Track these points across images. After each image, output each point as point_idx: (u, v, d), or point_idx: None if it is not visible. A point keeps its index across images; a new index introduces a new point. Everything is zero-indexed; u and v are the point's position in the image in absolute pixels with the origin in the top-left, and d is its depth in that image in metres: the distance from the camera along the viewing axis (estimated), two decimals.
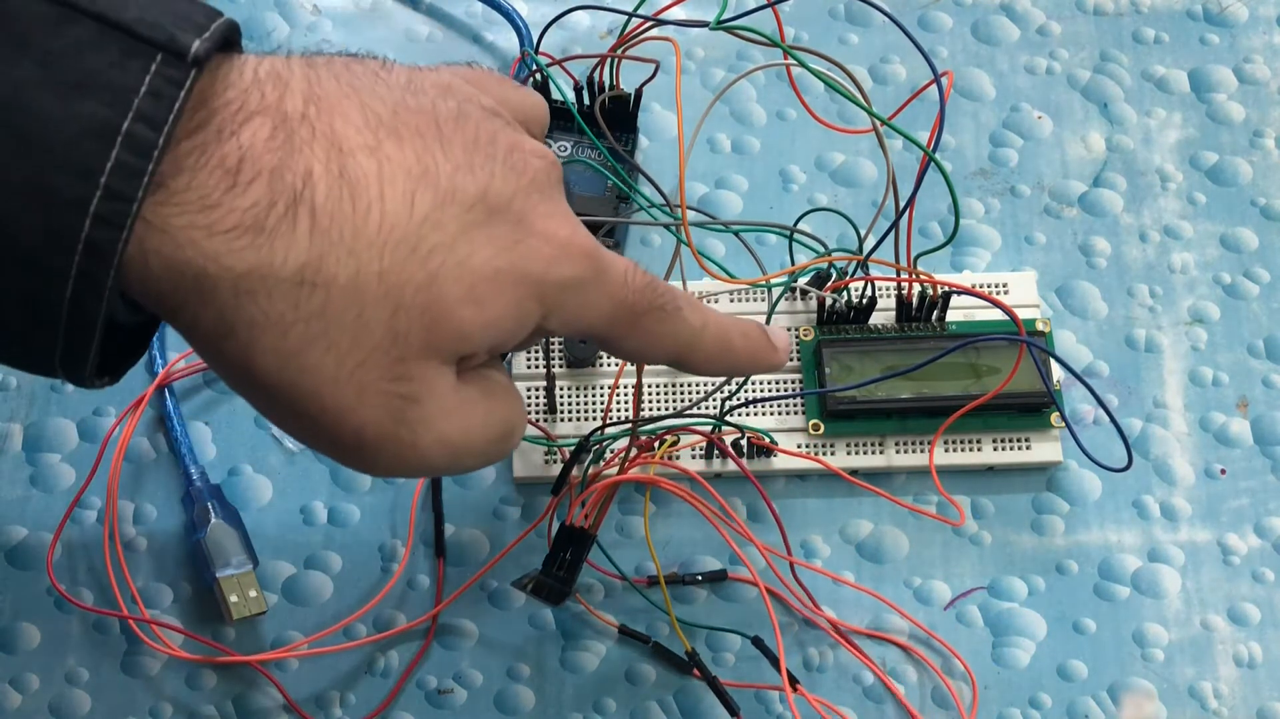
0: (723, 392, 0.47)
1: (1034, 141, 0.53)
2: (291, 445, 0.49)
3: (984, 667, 0.46)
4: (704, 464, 0.47)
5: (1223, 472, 0.49)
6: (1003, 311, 0.43)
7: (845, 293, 0.48)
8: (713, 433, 0.46)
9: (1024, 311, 0.49)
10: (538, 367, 0.48)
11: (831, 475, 0.47)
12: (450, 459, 0.32)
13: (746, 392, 0.47)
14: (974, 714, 0.45)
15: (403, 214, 0.29)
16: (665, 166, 0.53)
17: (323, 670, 0.46)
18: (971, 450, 0.48)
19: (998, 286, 0.50)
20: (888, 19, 0.43)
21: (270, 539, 0.47)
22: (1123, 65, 0.54)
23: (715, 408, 0.47)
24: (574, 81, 0.50)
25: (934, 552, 0.48)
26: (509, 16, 0.54)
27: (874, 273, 0.48)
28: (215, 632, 0.46)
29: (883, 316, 0.49)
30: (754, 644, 0.45)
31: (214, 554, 0.45)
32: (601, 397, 0.48)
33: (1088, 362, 0.50)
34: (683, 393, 0.48)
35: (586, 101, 0.50)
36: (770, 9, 0.44)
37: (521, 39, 0.53)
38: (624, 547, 0.47)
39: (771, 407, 0.48)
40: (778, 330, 0.39)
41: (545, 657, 0.46)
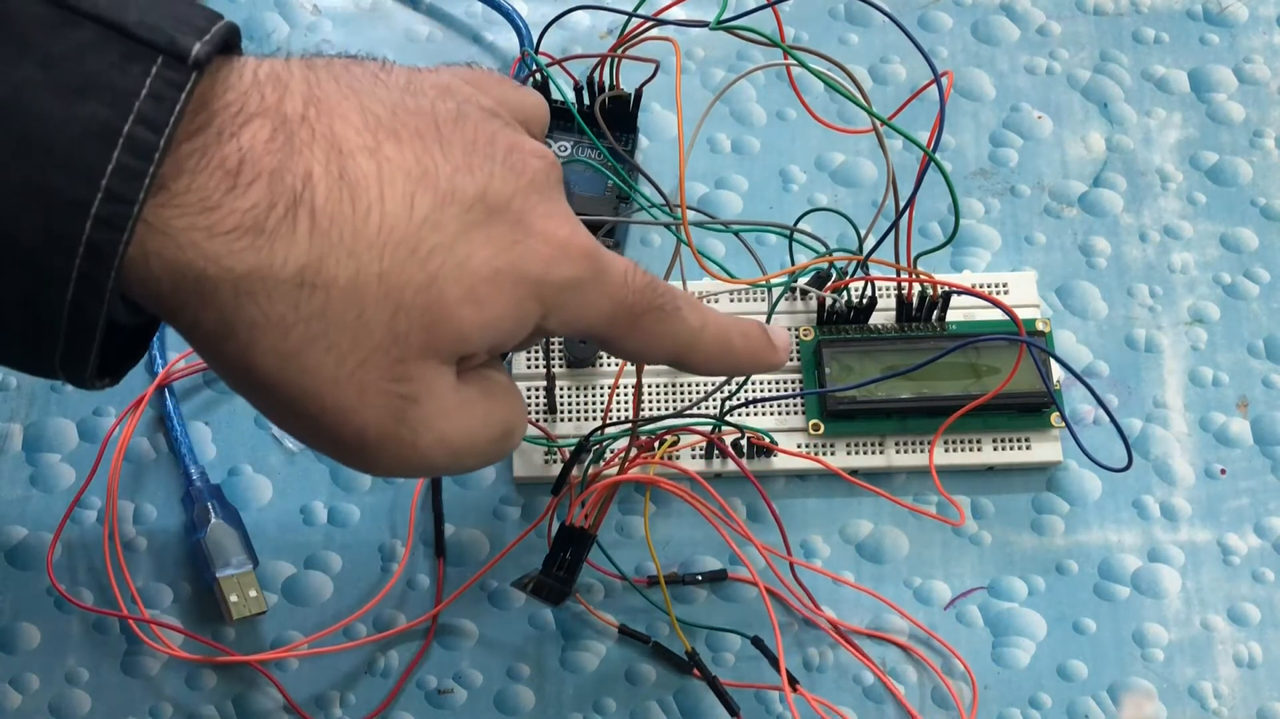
0: (723, 392, 0.47)
1: (1034, 141, 0.53)
2: (291, 445, 0.49)
3: (984, 667, 0.46)
4: (704, 464, 0.47)
5: (1223, 472, 0.49)
6: (1003, 311, 0.43)
7: (845, 293, 0.48)
8: (713, 433, 0.46)
9: (1024, 311, 0.49)
10: (538, 366, 0.48)
11: (831, 475, 0.47)
12: (451, 459, 0.32)
13: (746, 392, 0.47)
14: (974, 714, 0.45)
15: (402, 215, 0.29)
16: (665, 166, 0.53)
17: (323, 670, 0.46)
18: (971, 450, 0.48)
19: (998, 286, 0.50)
20: (888, 19, 0.43)
21: (270, 539, 0.47)
22: (1123, 65, 0.54)
23: (715, 408, 0.47)
24: (574, 81, 0.50)
25: (934, 552, 0.48)
26: (509, 16, 0.54)
27: (874, 273, 0.48)
28: (215, 632, 0.46)
29: (883, 316, 0.49)
30: (754, 644, 0.45)
31: (214, 554, 0.45)
32: (601, 397, 0.48)
33: (1088, 362, 0.50)
34: (683, 393, 0.48)
35: (586, 101, 0.50)
36: (770, 9, 0.44)
37: (521, 39, 0.53)
38: (624, 547, 0.47)
39: (771, 407, 0.48)
40: (778, 330, 0.39)
41: (545, 657, 0.46)
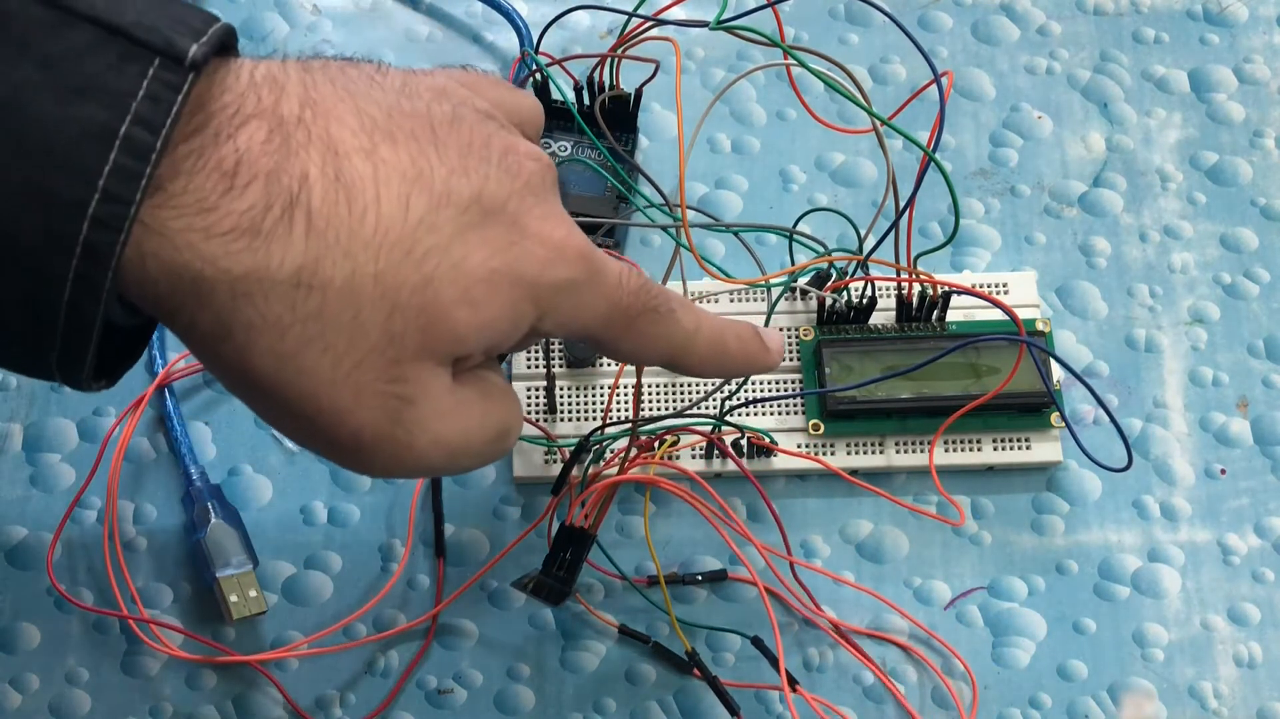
0: (722, 391, 0.47)
1: (1034, 141, 0.53)
2: (291, 445, 0.49)
3: (984, 667, 0.46)
4: (704, 464, 0.47)
5: (1223, 472, 0.49)
6: (1003, 311, 0.43)
7: (845, 293, 0.48)
8: (713, 433, 0.46)
9: (1024, 311, 0.49)
10: (538, 366, 0.48)
11: (831, 475, 0.47)
12: (447, 460, 0.32)
13: (746, 391, 0.47)
14: (974, 714, 0.45)
15: (398, 217, 0.29)
16: (665, 166, 0.53)
17: (323, 670, 0.46)
18: (971, 450, 0.48)
19: (998, 286, 0.50)
20: (888, 19, 0.43)
21: (270, 539, 0.47)
22: (1123, 65, 0.54)
23: (715, 408, 0.47)
24: (574, 81, 0.50)
25: (934, 552, 0.48)
26: (509, 16, 0.54)
27: (874, 273, 0.48)
28: (215, 632, 0.46)
29: (883, 316, 0.49)
30: (754, 644, 0.45)
31: (214, 554, 0.45)
32: (601, 397, 0.48)
33: (1088, 362, 0.50)
34: (682, 393, 0.48)
35: (586, 101, 0.50)
36: (770, 9, 0.44)
37: (521, 39, 0.53)
38: (624, 547, 0.47)
39: (771, 407, 0.48)
40: (771, 332, 0.39)
41: (545, 657, 0.46)
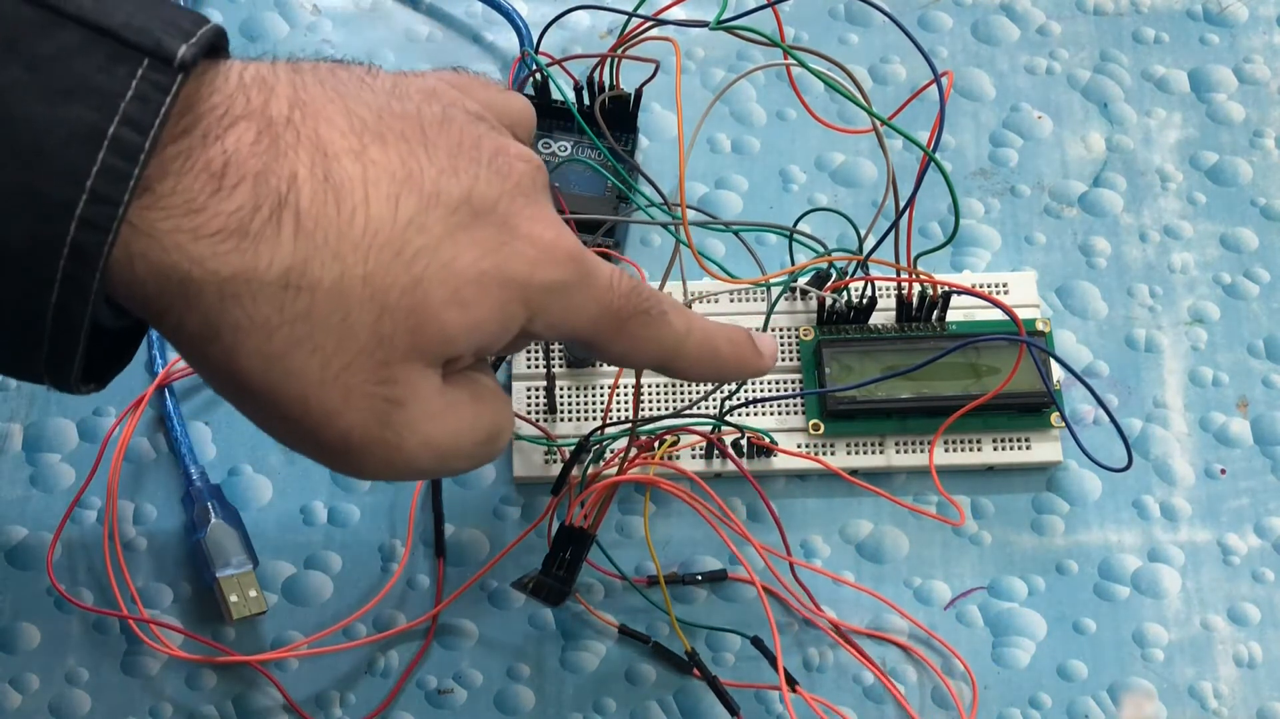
0: (722, 391, 0.47)
1: (1034, 141, 0.53)
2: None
3: (984, 667, 0.46)
4: (704, 464, 0.47)
5: (1223, 472, 0.49)
6: (1003, 311, 0.43)
7: (845, 293, 0.48)
8: (712, 433, 0.46)
9: (1024, 311, 0.49)
10: (538, 366, 0.48)
11: (831, 475, 0.47)
12: (437, 462, 0.31)
13: (746, 391, 0.47)
14: (974, 714, 0.45)
15: (387, 217, 0.29)
16: (665, 166, 0.53)
17: (323, 670, 0.46)
18: (971, 450, 0.48)
19: (998, 286, 0.50)
20: (888, 19, 0.43)
21: (270, 539, 0.47)
22: (1123, 65, 0.54)
23: (715, 408, 0.47)
24: (574, 81, 0.50)
25: (934, 552, 0.48)
26: (509, 16, 0.54)
27: (874, 273, 0.48)
28: (215, 632, 0.46)
29: (883, 316, 0.48)
30: (753, 644, 0.45)
31: (214, 554, 0.45)
32: (601, 397, 0.48)
33: (1088, 362, 0.50)
34: (682, 393, 0.48)
35: (586, 101, 0.50)
36: (770, 9, 0.44)
37: (521, 39, 0.53)
38: (624, 547, 0.47)
39: (771, 407, 0.48)
40: (764, 337, 0.39)
41: (545, 657, 0.46)
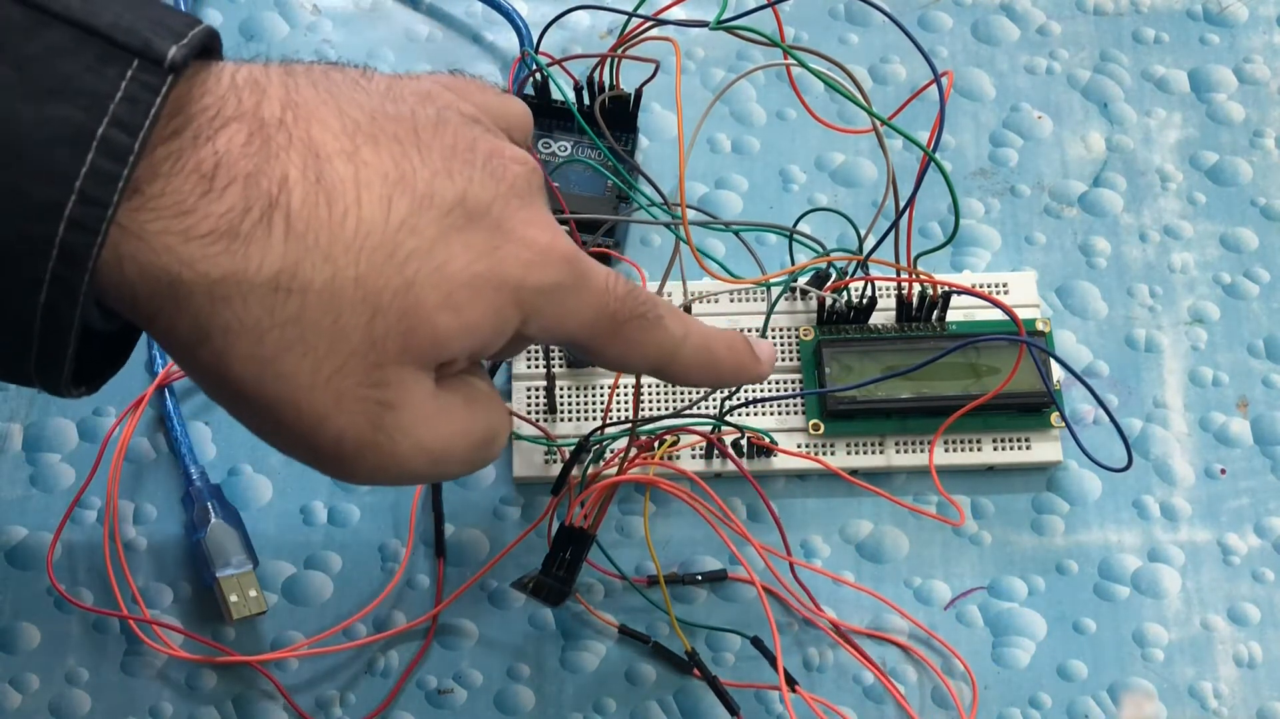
0: (722, 391, 0.47)
1: (1034, 141, 0.53)
2: None
3: (984, 667, 0.46)
4: (703, 464, 0.47)
5: (1223, 472, 0.49)
6: (1003, 311, 0.43)
7: (845, 293, 0.48)
8: (712, 433, 0.46)
9: (1024, 311, 0.49)
10: (538, 366, 0.48)
11: (831, 475, 0.47)
12: (431, 466, 0.31)
13: (746, 392, 0.47)
14: (974, 714, 0.45)
15: (379, 219, 0.28)
16: (665, 166, 0.53)
17: (323, 670, 0.46)
18: (971, 450, 0.48)
19: (998, 286, 0.50)
20: (888, 19, 0.43)
21: (270, 539, 0.47)
22: (1123, 65, 0.54)
23: (715, 408, 0.47)
24: (574, 81, 0.50)
25: (934, 552, 0.48)
26: (509, 16, 0.54)
27: (874, 273, 0.48)
28: (215, 632, 0.46)
29: (883, 316, 0.49)
30: (753, 644, 0.45)
31: (214, 554, 0.45)
32: (601, 397, 0.48)
33: (1088, 362, 0.50)
34: (682, 393, 0.48)
35: (586, 101, 0.50)
36: (770, 9, 0.44)
37: (521, 39, 0.53)
38: (624, 547, 0.47)
39: (771, 407, 0.48)
40: (761, 342, 0.39)
41: (545, 657, 0.46)
